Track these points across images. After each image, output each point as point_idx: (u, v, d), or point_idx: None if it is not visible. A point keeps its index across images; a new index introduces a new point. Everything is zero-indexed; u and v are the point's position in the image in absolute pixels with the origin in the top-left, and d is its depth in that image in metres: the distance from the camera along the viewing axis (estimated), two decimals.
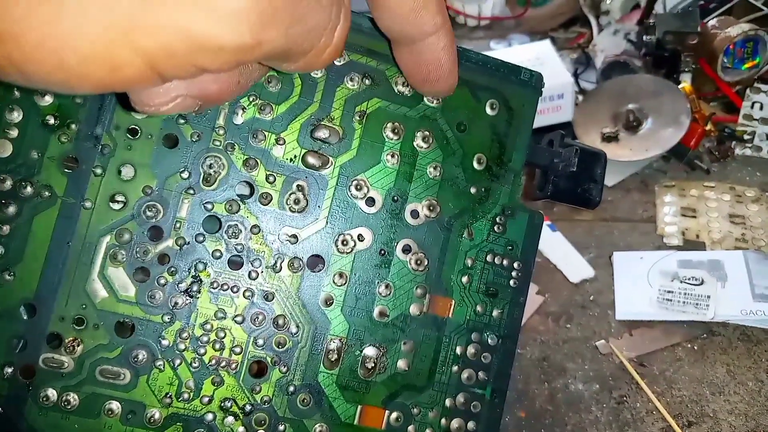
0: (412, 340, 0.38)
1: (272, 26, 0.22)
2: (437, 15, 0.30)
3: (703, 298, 0.79)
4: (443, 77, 0.34)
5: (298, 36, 0.24)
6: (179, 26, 0.21)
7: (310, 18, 0.24)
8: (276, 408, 0.36)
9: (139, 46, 0.21)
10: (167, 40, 0.21)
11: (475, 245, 0.39)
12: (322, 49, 0.26)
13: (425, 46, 0.32)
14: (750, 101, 1.04)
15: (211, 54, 0.22)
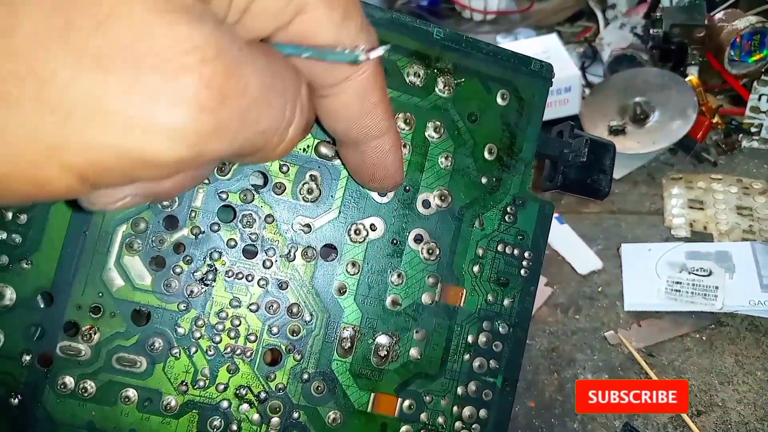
0: (424, 328, 0.38)
1: (215, 139, 0.20)
2: (383, 120, 0.29)
3: (711, 288, 0.79)
4: (389, 177, 0.33)
5: (246, 141, 0.22)
6: (110, 144, 0.18)
7: (260, 123, 0.22)
8: (290, 395, 0.36)
9: (67, 164, 0.19)
10: (98, 158, 0.19)
11: (486, 235, 0.39)
12: (275, 146, 0.24)
13: (370, 148, 0.31)
14: (757, 93, 1.03)
15: (149, 168, 0.20)
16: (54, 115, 0.18)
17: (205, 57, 0.19)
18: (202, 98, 0.19)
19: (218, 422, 0.35)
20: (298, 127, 0.25)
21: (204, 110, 0.19)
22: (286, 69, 0.24)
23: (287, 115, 0.24)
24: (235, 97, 0.20)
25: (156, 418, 0.34)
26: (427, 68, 0.38)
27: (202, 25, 0.19)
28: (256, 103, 0.21)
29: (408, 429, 0.38)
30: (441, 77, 0.38)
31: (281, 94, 0.23)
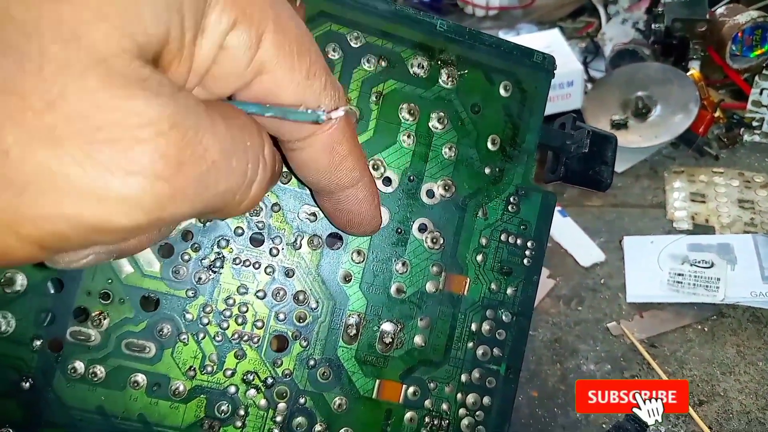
0: (429, 316, 0.38)
1: (173, 204, 0.20)
2: (353, 171, 0.29)
3: (713, 280, 0.79)
4: (364, 224, 0.33)
5: (206, 203, 0.22)
6: (66, 215, 0.18)
7: (220, 185, 0.22)
8: (297, 381, 0.36)
9: (25, 236, 0.19)
10: (55, 229, 0.19)
11: (490, 224, 0.40)
12: (238, 204, 0.24)
13: (344, 196, 0.31)
14: (759, 88, 1.04)
15: (107, 235, 0.20)
16: (9, 190, 0.18)
17: (160, 130, 0.19)
18: (158, 168, 0.19)
19: (226, 407, 0.35)
20: (261, 183, 0.24)
21: (159, 178, 0.19)
22: (247, 128, 0.24)
23: (249, 174, 0.23)
24: (193, 164, 0.20)
25: (164, 403, 0.35)
26: (431, 60, 0.38)
27: (156, 98, 0.19)
28: (215, 167, 0.21)
29: (412, 415, 0.38)
30: (444, 69, 0.38)
31: (242, 155, 0.23)
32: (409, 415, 0.38)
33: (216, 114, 0.22)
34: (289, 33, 0.24)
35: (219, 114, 0.22)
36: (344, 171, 0.29)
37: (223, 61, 0.22)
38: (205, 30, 0.21)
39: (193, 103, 0.21)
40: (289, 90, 0.24)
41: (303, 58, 0.24)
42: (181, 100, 0.20)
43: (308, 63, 0.24)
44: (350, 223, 0.33)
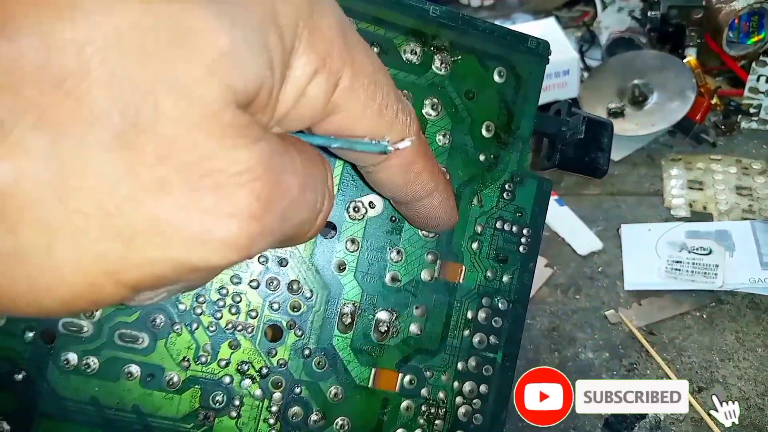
0: (424, 304, 0.38)
1: (261, 241, 0.21)
2: (429, 183, 0.30)
3: (712, 267, 0.79)
4: (441, 225, 0.34)
5: (284, 236, 0.23)
6: (168, 259, 0.19)
7: (296, 219, 0.23)
8: (292, 371, 0.36)
9: (124, 281, 0.19)
10: (154, 272, 0.19)
11: (485, 212, 0.40)
12: (306, 234, 0.25)
13: (420, 206, 0.32)
14: (756, 74, 1.03)
15: (202, 273, 0.21)
16: (117, 242, 0.18)
17: (256, 174, 0.20)
18: (253, 209, 0.20)
19: (221, 397, 0.35)
20: (325, 213, 0.26)
21: (253, 218, 0.20)
22: (317, 162, 0.25)
23: (318, 206, 0.25)
24: (278, 202, 0.21)
25: (159, 394, 0.34)
26: (424, 46, 0.38)
27: (254, 144, 0.20)
28: (294, 203, 0.22)
29: (409, 404, 0.38)
30: (438, 55, 0.38)
31: (314, 188, 0.24)
32: (405, 404, 0.38)
33: (292, 149, 0.23)
34: (364, 74, 0.24)
35: (294, 149, 0.23)
36: (420, 185, 0.30)
37: (300, 105, 0.23)
38: (289, 80, 0.22)
39: (278, 144, 0.21)
40: (361, 125, 0.25)
41: (376, 95, 0.25)
42: (270, 142, 0.21)
43: (381, 97, 0.25)
44: (427, 225, 0.35)
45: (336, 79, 0.23)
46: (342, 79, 0.23)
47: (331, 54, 0.23)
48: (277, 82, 0.21)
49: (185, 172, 0.18)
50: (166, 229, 0.19)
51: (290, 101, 0.22)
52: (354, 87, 0.24)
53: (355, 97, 0.24)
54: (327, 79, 0.23)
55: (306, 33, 0.21)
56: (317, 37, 0.22)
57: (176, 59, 0.18)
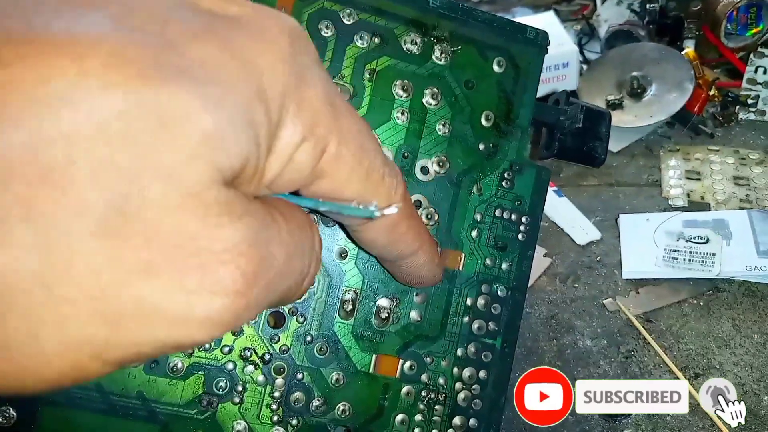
0: (424, 291, 0.38)
1: (246, 314, 0.20)
2: (414, 242, 0.30)
3: (709, 255, 0.79)
4: (425, 282, 0.34)
5: (269, 303, 0.23)
6: (151, 339, 0.19)
7: (283, 286, 0.23)
8: (294, 357, 0.36)
9: (108, 360, 0.19)
10: (138, 351, 0.19)
11: (484, 200, 0.40)
12: (291, 297, 0.25)
13: (405, 264, 0.32)
14: (754, 66, 1.03)
15: (185, 348, 0.21)
16: (103, 325, 0.18)
17: (240, 250, 0.19)
18: (238, 286, 0.19)
19: (224, 383, 0.35)
20: (312, 275, 0.25)
21: (238, 294, 0.20)
22: (305, 228, 0.24)
23: (305, 270, 0.24)
24: (264, 275, 0.21)
25: (162, 380, 0.35)
26: (424, 36, 0.38)
27: (239, 220, 0.19)
28: (281, 273, 0.22)
29: (409, 389, 0.38)
30: (438, 45, 0.38)
31: (301, 254, 0.24)
32: (406, 389, 0.38)
33: (279, 217, 0.22)
34: (351, 140, 0.24)
35: (281, 216, 0.22)
36: (404, 245, 0.30)
37: (286, 172, 0.22)
38: (275, 150, 0.21)
39: (264, 215, 0.21)
40: (348, 189, 0.25)
41: (363, 160, 0.25)
42: (256, 215, 0.21)
43: (368, 162, 0.25)
44: (411, 282, 0.35)
45: (323, 146, 0.23)
46: (329, 145, 0.23)
47: (318, 122, 0.22)
48: (263, 154, 0.21)
49: (170, 254, 0.18)
50: (151, 311, 0.18)
51: (277, 168, 0.22)
52: (341, 153, 0.23)
53: (342, 162, 0.24)
54: (314, 146, 0.22)
55: (293, 105, 0.21)
56: (304, 107, 0.22)
57: (161, 144, 0.18)
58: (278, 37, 0.21)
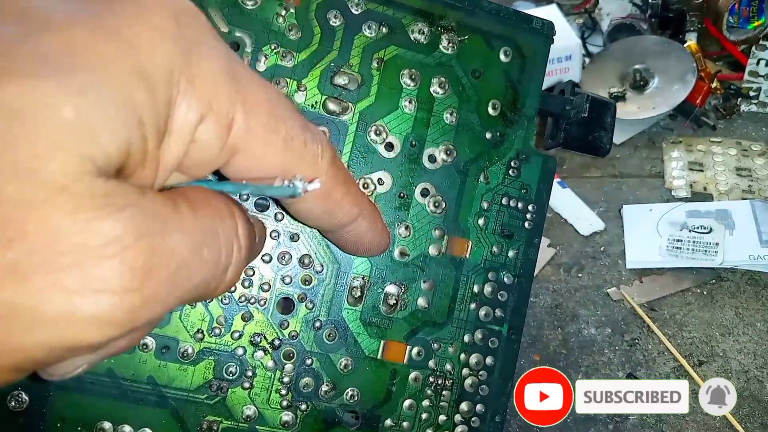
0: (432, 278, 0.38)
1: (145, 309, 0.19)
2: (352, 208, 0.28)
3: (712, 245, 0.78)
4: (372, 249, 0.33)
5: (180, 298, 0.21)
6: (37, 342, 0.18)
7: (192, 279, 0.21)
8: (303, 342, 0.36)
9: (3, 366, 0.18)
10: (28, 355, 0.18)
11: (491, 188, 0.39)
12: (214, 290, 0.23)
13: (346, 232, 0.30)
14: (755, 58, 1.02)
15: (82, 351, 0.19)
16: None
17: (125, 244, 0.18)
18: (125, 281, 0.18)
19: (234, 368, 0.35)
20: (237, 265, 0.24)
21: (128, 291, 0.18)
22: (219, 212, 0.23)
23: (223, 260, 0.23)
24: (162, 267, 0.19)
25: (173, 365, 0.34)
26: (431, 26, 0.38)
27: (120, 212, 0.18)
28: (186, 264, 0.20)
29: (417, 375, 0.38)
30: (445, 35, 0.38)
31: (214, 244, 0.22)
32: (413, 375, 0.38)
33: (184, 207, 0.21)
34: (259, 110, 0.23)
35: (187, 206, 0.21)
36: (342, 212, 0.28)
37: (193, 152, 0.21)
38: (172, 130, 0.20)
39: (160, 205, 0.20)
40: (268, 162, 0.24)
41: (278, 129, 0.23)
42: (146, 205, 0.19)
43: (284, 130, 0.24)
44: (357, 251, 0.33)
45: (228, 121, 0.22)
46: (235, 119, 0.22)
47: (218, 96, 0.21)
48: (152, 137, 0.19)
49: (39, 254, 0.17)
50: (26, 314, 0.17)
51: (179, 151, 0.21)
52: (250, 125, 0.22)
53: (253, 135, 0.23)
54: (216, 122, 0.21)
55: (184, 80, 0.20)
56: (198, 83, 0.21)
57: (15, 140, 0.17)
58: (159, 15, 0.20)
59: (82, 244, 0.17)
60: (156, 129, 0.20)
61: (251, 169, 0.24)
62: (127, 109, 0.18)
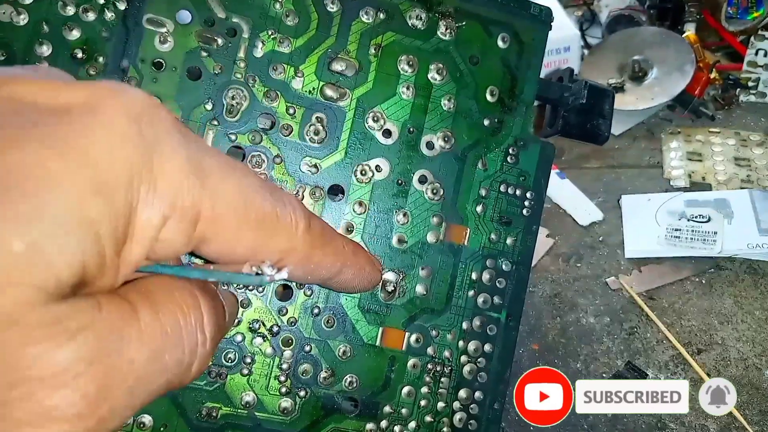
0: (430, 266, 0.38)
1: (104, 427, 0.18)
2: (333, 265, 0.28)
3: (710, 234, 0.78)
4: (362, 288, 0.33)
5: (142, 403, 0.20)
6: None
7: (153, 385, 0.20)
8: (302, 329, 0.36)
9: None
10: None
11: (489, 175, 0.39)
12: (178, 386, 0.22)
13: (334, 282, 0.30)
14: (754, 48, 1.02)
15: None
16: None
17: (77, 371, 0.17)
18: (79, 408, 0.18)
19: (233, 355, 0.35)
20: (202, 359, 0.22)
21: (82, 417, 0.18)
22: (181, 307, 0.22)
23: (186, 360, 0.21)
24: (119, 384, 0.19)
25: None
26: (429, 12, 0.38)
27: (72, 339, 0.17)
28: (145, 373, 0.20)
29: (415, 362, 0.38)
30: (442, 21, 0.38)
31: (176, 346, 0.21)
32: (412, 362, 0.38)
33: (144, 310, 0.20)
34: (227, 198, 0.22)
35: (148, 308, 0.20)
36: (324, 270, 0.28)
37: (158, 249, 0.21)
38: (134, 235, 0.20)
39: (116, 317, 0.19)
40: (242, 244, 0.23)
41: (248, 211, 0.23)
42: (101, 323, 0.18)
43: (254, 212, 0.23)
44: (350, 292, 0.34)
45: (193, 216, 0.21)
46: (201, 212, 0.21)
47: (181, 194, 0.20)
48: (109, 248, 0.19)
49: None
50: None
51: (141, 253, 0.20)
52: (219, 214, 0.22)
53: (223, 223, 0.22)
54: (180, 220, 0.20)
55: (145, 185, 0.19)
56: (161, 185, 0.20)
57: None
58: (115, 119, 0.19)
59: (32, 377, 0.17)
60: (114, 240, 0.19)
61: (223, 253, 0.23)
62: (82, 228, 0.18)
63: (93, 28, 0.34)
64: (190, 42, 0.35)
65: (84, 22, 0.33)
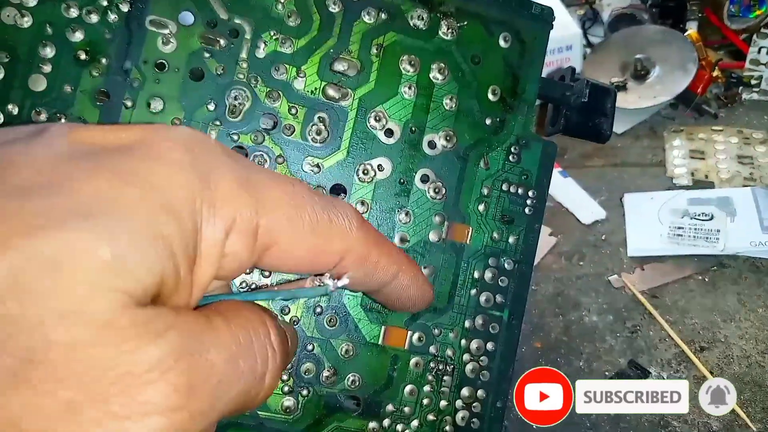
0: (432, 264, 0.38)
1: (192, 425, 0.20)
2: (390, 267, 0.29)
3: (713, 232, 0.78)
4: (417, 303, 0.33)
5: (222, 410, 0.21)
6: None
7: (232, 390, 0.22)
8: (304, 328, 0.36)
9: None
10: None
11: (491, 174, 0.39)
12: (253, 399, 0.24)
13: (388, 290, 0.30)
14: (757, 46, 1.02)
15: None
16: None
17: (167, 366, 0.19)
18: (171, 401, 0.19)
19: None
20: (273, 371, 0.24)
21: (175, 410, 0.19)
22: (251, 322, 0.24)
23: (259, 369, 0.23)
24: (203, 383, 0.20)
25: None
26: (430, 12, 0.37)
27: (159, 338, 0.19)
28: (225, 376, 0.21)
29: (418, 361, 0.38)
30: (444, 21, 0.38)
31: (249, 354, 0.23)
32: (414, 361, 0.38)
33: (218, 320, 0.22)
34: (280, 207, 0.24)
35: (221, 318, 0.22)
36: (381, 272, 0.29)
37: (225, 264, 0.22)
38: (202, 253, 0.21)
39: (195, 323, 0.21)
40: (300, 248, 0.25)
41: (301, 217, 0.24)
42: (183, 325, 0.20)
43: (307, 216, 0.25)
44: (403, 306, 0.33)
45: (252, 227, 0.23)
46: (259, 224, 0.23)
47: (239, 210, 0.22)
48: (184, 263, 0.21)
49: (90, 388, 0.18)
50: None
51: (211, 271, 0.22)
52: (274, 224, 0.23)
53: (279, 231, 0.24)
54: (242, 232, 0.22)
55: (206, 206, 0.21)
56: (219, 204, 0.22)
57: (57, 286, 0.18)
58: (171, 151, 0.22)
59: (127, 373, 0.18)
60: (186, 257, 0.21)
61: (284, 260, 0.25)
62: (158, 243, 0.19)
63: (96, 29, 0.34)
64: (192, 43, 0.35)
65: (87, 24, 0.34)
